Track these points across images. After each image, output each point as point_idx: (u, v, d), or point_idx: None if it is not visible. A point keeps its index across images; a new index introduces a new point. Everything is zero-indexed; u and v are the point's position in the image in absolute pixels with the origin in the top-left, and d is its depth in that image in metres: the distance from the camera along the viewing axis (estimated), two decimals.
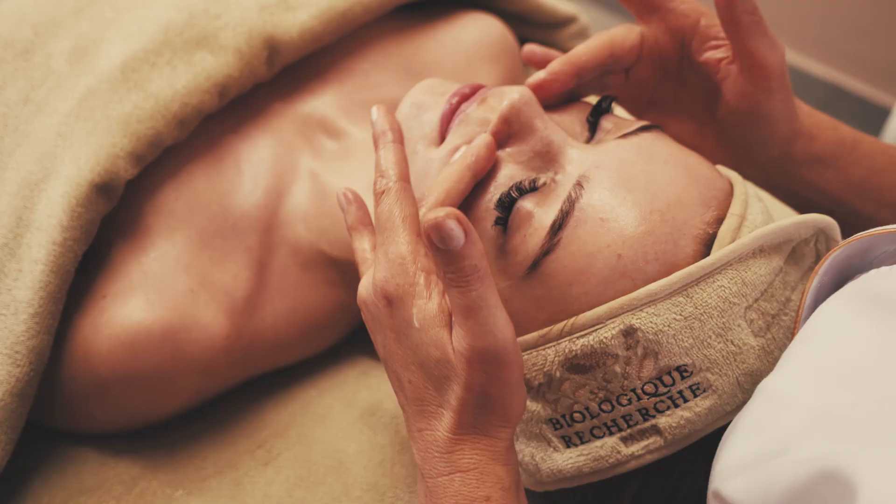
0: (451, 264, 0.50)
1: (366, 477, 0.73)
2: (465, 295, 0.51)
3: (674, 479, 0.61)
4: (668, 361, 0.56)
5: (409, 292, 0.54)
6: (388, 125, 0.62)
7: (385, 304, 0.56)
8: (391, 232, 0.56)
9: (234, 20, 0.79)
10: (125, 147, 0.71)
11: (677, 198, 0.58)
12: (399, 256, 0.55)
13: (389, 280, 0.55)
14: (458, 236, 0.49)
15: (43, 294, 0.67)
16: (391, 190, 0.58)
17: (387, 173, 0.59)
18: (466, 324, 0.51)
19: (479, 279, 0.50)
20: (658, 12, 0.69)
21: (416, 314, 0.54)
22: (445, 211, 0.48)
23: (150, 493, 0.72)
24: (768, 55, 0.64)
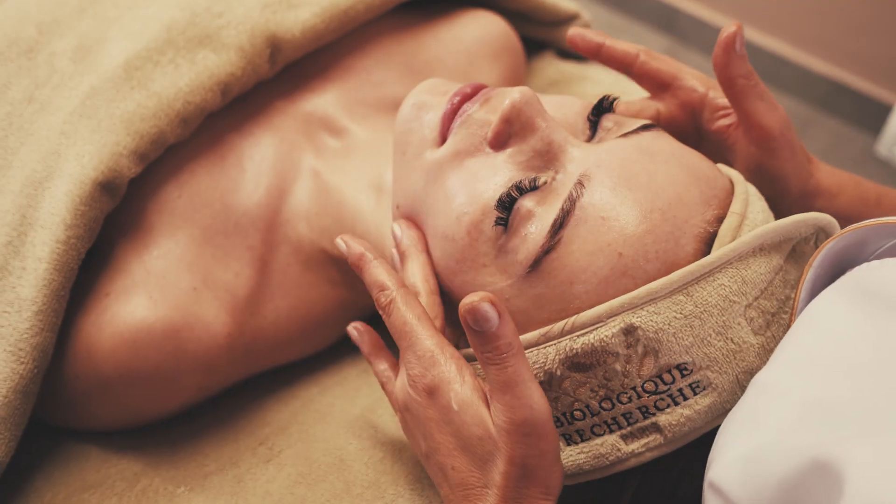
0: (487, 344, 0.53)
1: (367, 474, 0.73)
2: (502, 371, 0.54)
3: (674, 476, 0.61)
4: (669, 359, 0.56)
5: (445, 379, 0.58)
6: (363, 247, 0.65)
7: (426, 396, 0.59)
8: (412, 334, 0.60)
9: (236, 18, 0.79)
10: (128, 145, 0.71)
11: (678, 196, 0.58)
12: (427, 351, 0.59)
13: (425, 374, 0.58)
14: (492, 318, 0.52)
15: (46, 292, 0.67)
16: (395, 299, 0.61)
17: (385, 285, 0.62)
18: (504, 398, 0.54)
19: (514, 355, 0.54)
20: (669, 89, 0.73)
21: (454, 398, 0.57)
22: (480, 296, 0.52)
23: (152, 489, 0.72)
24: (766, 116, 0.67)
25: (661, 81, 0.73)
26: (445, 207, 0.62)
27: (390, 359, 0.69)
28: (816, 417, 0.47)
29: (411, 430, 0.63)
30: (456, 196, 0.62)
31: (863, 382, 0.47)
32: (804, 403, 0.48)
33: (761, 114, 0.67)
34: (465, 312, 0.52)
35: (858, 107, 2.45)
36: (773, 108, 0.68)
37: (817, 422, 0.47)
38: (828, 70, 2.47)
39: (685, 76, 0.73)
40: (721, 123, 0.71)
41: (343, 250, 0.66)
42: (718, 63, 0.66)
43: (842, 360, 0.50)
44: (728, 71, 0.66)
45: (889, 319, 0.50)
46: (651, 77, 0.73)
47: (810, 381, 0.50)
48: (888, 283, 0.52)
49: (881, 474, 0.41)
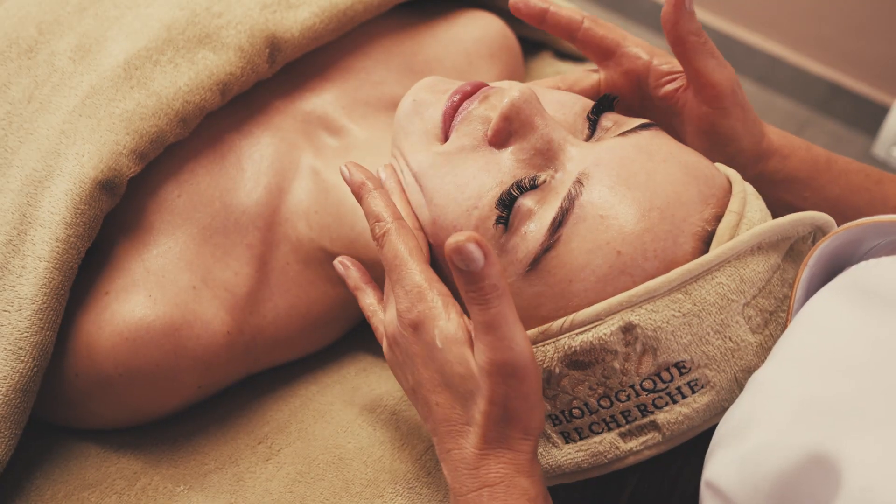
0: (472, 284, 0.52)
1: (365, 473, 0.74)
2: (485, 312, 0.53)
3: (672, 474, 0.61)
4: (667, 358, 0.56)
5: (430, 315, 0.58)
6: (364, 175, 0.65)
7: (411, 331, 0.59)
8: (402, 267, 0.60)
9: (235, 18, 0.79)
10: (128, 144, 0.71)
11: (676, 195, 0.58)
12: (416, 286, 0.59)
13: (411, 309, 0.58)
14: (478, 258, 0.51)
15: (46, 290, 0.67)
16: (390, 230, 0.61)
17: (381, 216, 0.62)
18: (486, 339, 0.54)
19: (498, 297, 0.53)
20: (613, 57, 0.73)
21: (438, 335, 0.57)
22: (465, 235, 0.51)
23: (151, 488, 0.72)
24: (716, 73, 0.67)
25: (605, 49, 0.73)
26: (456, 195, 0.62)
27: (377, 292, 0.70)
28: (813, 415, 0.47)
29: (399, 363, 0.63)
30: (465, 187, 0.62)
31: (860, 380, 0.48)
32: (801, 401, 0.49)
33: (712, 70, 0.67)
34: (450, 251, 0.51)
35: (856, 108, 2.45)
36: (723, 66, 0.68)
37: (814, 419, 0.47)
38: (825, 72, 2.48)
39: (629, 43, 0.72)
40: (668, 88, 0.71)
41: (345, 176, 0.66)
42: (668, 20, 0.66)
43: (839, 357, 0.50)
44: (678, 28, 0.66)
45: (885, 317, 0.50)
46: (595, 44, 0.73)
47: (807, 379, 0.50)
48: (884, 280, 0.52)
49: (878, 468, 0.41)
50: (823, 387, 0.49)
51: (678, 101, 0.71)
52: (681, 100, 0.71)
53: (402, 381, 0.64)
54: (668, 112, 0.72)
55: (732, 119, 0.69)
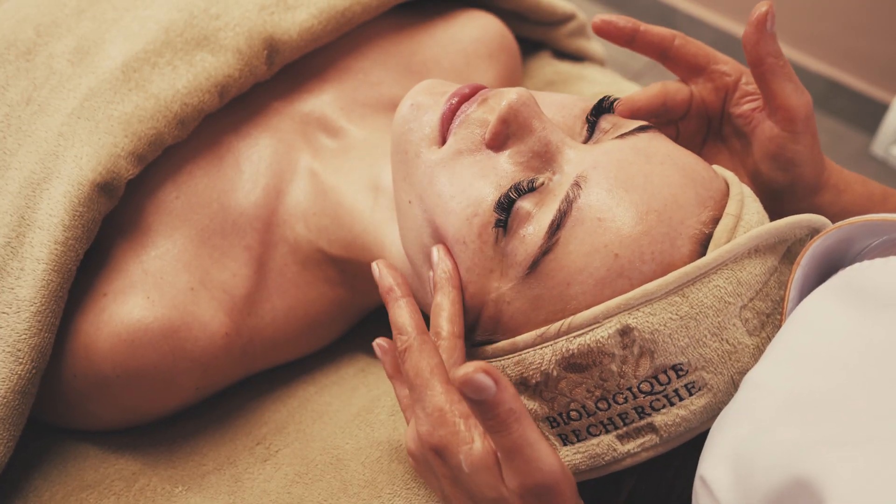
0: (488, 412, 0.52)
1: (363, 473, 0.74)
2: (506, 438, 0.53)
3: (669, 476, 0.61)
4: (664, 360, 0.56)
5: (454, 441, 0.56)
6: (394, 280, 0.63)
7: (433, 455, 0.58)
8: (423, 387, 0.58)
9: (233, 20, 0.79)
10: (126, 147, 0.71)
11: (674, 198, 0.58)
12: (436, 409, 0.57)
13: (433, 433, 0.57)
14: (489, 387, 0.50)
15: (45, 292, 0.67)
16: (412, 346, 0.59)
17: (404, 329, 0.60)
18: (513, 464, 0.53)
19: (517, 420, 0.52)
20: (703, 73, 0.72)
21: (464, 460, 0.56)
22: (473, 366, 0.50)
23: (150, 489, 0.72)
24: (792, 97, 0.67)
25: (696, 65, 0.72)
26: (454, 206, 0.62)
27: None
28: (801, 410, 0.47)
29: (425, 477, 0.63)
30: (462, 195, 0.62)
31: (849, 379, 0.48)
32: (789, 397, 0.49)
33: (788, 94, 0.67)
34: (460, 385, 0.50)
35: (855, 106, 2.46)
36: (801, 92, 0.67)
37: (802, 414, 0.47)
38: (824, 69, 2.48)
39: (719, 60, 0.72)
40: (746, 108, 0.71)
41: (374, 275, 0.65)
42: (749, 40, 0.66)
43: (830, 357, 0.50)
44: (758, 49, 0.66)
45: (878, 318, 0.50)
46: (686, 61, 0.72)
47: (797, 376, 0.50)
48: (878, 282, 0.52)
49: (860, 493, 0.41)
50: (812, 384, 0.49)
51: (752, 120, 0.70)
52: (754, 119, 0.70)
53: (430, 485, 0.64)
54: (741, 129, 0.72)
55: (801, 145, 0.68)
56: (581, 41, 1.14)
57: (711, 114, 0.74)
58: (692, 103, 0.74)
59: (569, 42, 1.12)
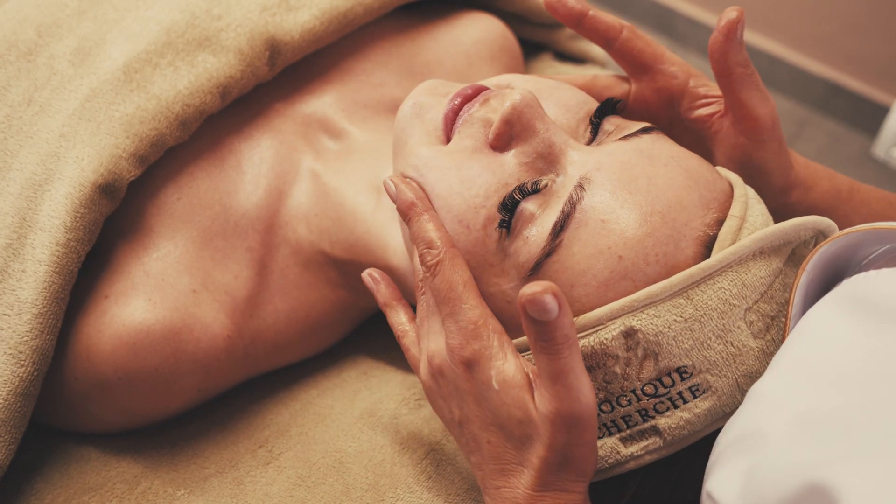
0: (545, 334, 0.51)
1: (366, 477, 0.74)
2: (555, 362, 0.52)
3: (673, 479, 0.61)
4: (668, 363, 0.56)
5: (486, 355, 0.56)
6: (414, 194, 0.62)
7: (463, 369, 0.58)
8: (457, 300, 0.58)
9: (235, 21, 0.79)
10: (128, 148, 0.71)
11: (678, 200, 0.58)
12: (471, 322, 0.57)
13: (465, 346, 0.57)
14: (553, 309, 0.50)
15: (46, 294, 0.67)
16: (444, 260, 0.59)
17: (434, 244, 0.60)
18: (553, 388, 0.53)
19: (569, 346, 0.52)
20: (648, 72, 0.71)
21: (495, 376, 0.56)
22: (542, 286, 0.49)
23: (152, 492, 0.72)
24: (759, 107, 0.66)
25: (641, 63, 0.71)
26: (461, 190, 0.61)
27: (409, 311, 0.68)
28: (812, 430, 0.47)
29: (443, 395, 0.62)
30: (472, 184, 0.61)
31: (856, 393, 0.48)
32: (799, 414, 0.49)
33: (755, 104, 0.66)
34: (525, 302, 0.49)
35: (855, 108, 2.46)
36: (766, 100, 0.67)
37: (812, 434, 0.47)
38: (824, 71, 2.48)
39: (667, 60, 0.71)
40: (701, 112, 0.70)
41: (390, 191, 0.64)
42: (716, 49, 0.65)
43: (836, 370, 0.50)
44: (727, 58, 0.65)
45: (883, 330, 0.50)
46: (632, 56, 0.71)
47: (805, 392, 0.50)
48: (883, 293, 0.52)
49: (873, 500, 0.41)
50: (821, 400, 0.49)
51: (712, 126, 0.70)
52: (715, 125, 0.70)
53: (442, 411, 0.63)
54: (697, 135, 0.71)
55: (767, 152, 0.68)
56: (582, 43, 1.14)
57: (655, 114, 0.73)
58: (631, 101, 0.73)
59: (570, 44, 1.12)
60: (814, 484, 0.43)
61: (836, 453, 0.44)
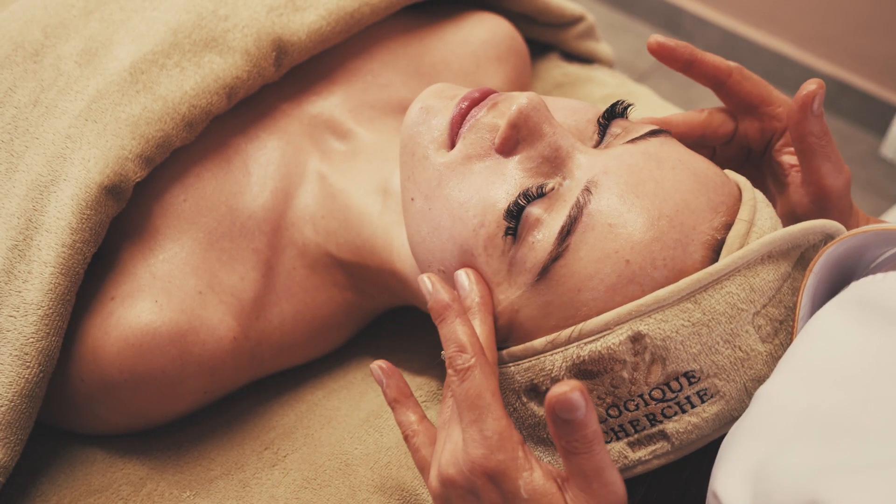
0: (575, 433, 0.50)
1: (372, 479, 0.73)
2: (589, 460, 0.51)
3: (681, 484, 0.61)
4: (676, 367, 0.56)
5: (513, 466, 0.54)
6: (450, 297, 0.60)
7: (485, 480, 0.55)
8: (484, 410, 0.56)
9: (242, 21, 0.79)
10: (134, 149, 0.71)
11: (685, 203, 0.58)
12: (496, 433, 0.55)
13: (490, 457, 0.55)
14: (582, 406, 0.49)
15: (52, 296, 0.67)
16: (475, 367, 0.57)
17: (466, 348, 0.57)
18: (591, 487, 0.52)
19: (599, 442, 0.51)
20: (754, 112, 0.72)
21: (524, 486, 0.54)
22: (570, 385, 0.48)
23: (157, 494, 0.72)
24: (829, 178, 0.67)
25: (749, 104, 0.72)
26: (461, 214, 0.61)
27: (417, 409, 0.65)
28: (815, 430, 0.47)
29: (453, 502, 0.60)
30: (469, 204, 0.61)
31: (863, 396, 0.47)
32: (802, 415, 0.49)
33: (825, 174, 0.67)
34: (554, 403, 0.48)
35: (863, 107, 2.45)
36: (839, 171, 0.67)
37: (816, 435, 0.47)
38: (832, 70, 2.47)
39: (774, 102, 0.71)
40: (787, 159, 0.71)
41: (426, 291, 0.61)
42: (793, 119, 0.66)
43: (841, 372, 0.50)
44: (801, 128, 0.66)
45: (890, 333, 0.50)
46: (741, 98, 0.72)
47: (810, 394, 0.50)
48: (891, 297, 0.52)
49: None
50: (825, 401, 0.49)
51: (789, 175, 0.70)
52: (791, 176, 0.70)
53: None
54: (776, 176, 0.72)
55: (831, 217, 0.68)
56: (590, 43, 1.14)
57: (753, 149, 0.74)
58: (735, 136, 0.73)
59: (578, 44, 1.12)
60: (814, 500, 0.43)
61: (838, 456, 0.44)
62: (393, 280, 0.74)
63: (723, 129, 0.73)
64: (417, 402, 0.66)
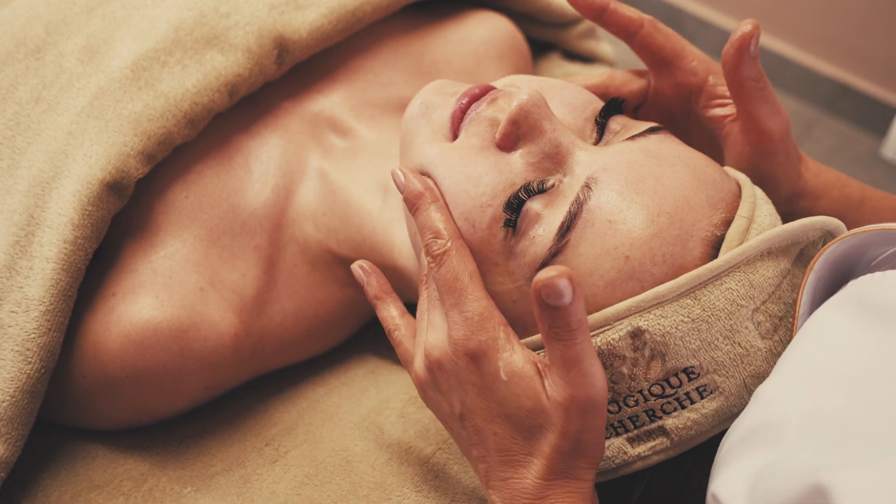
0: (559, 320, 0.50)
1: (373, 475, 0.74)
2: (570, 348, 0.51)
3: (680, 480, 0.61)
4: (676, 363, 0.56)
5: (493, 346, 0.56)
6: (422, 185, 0.62)
7: (467, 361, 0.57)
8: (462, 292, 0.57)
9: (244, 19, 0.79)
10: (136, 146, 0.71)
11: (685, 200, 0.58)
12: (476, 314, 0.56)
13: (471, 338, 0.56)
14: (568, 293, 0.49)
15: (54, 292, 0.67)
16: (451, 250, 0.59)
17: (441, 234, 0.59)
18: (568, 375, 0.52)
19: (583, 332, 0.51)
20: (668, 67, 0.71)
21: (503, 367, 0.55)
22: (557, 270, 0.48)
23: (158, 489, 0.72)
24: (768, 121, 0.66)
25: (661, 58, 0.71)
26: (468, 187, 0.61)
27: (399, 304, 0.68)
28: (815, 431, 0.47)
29: (442, 390, 0.61)
30: (479, 182, 0.61)
31: (862, 395, 0.48)
32: (803, 416, 0.49)
33: (763, 118, 0.66)
34: (540, 287, 0.48)
35: (864, 108, 2.45)
36: (777, 113, 0.67)
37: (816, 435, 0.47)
38: (832, 71, 2.47)
39: (687, 56, 0.71)
40: (716, 112, 0.70)
41: (398, 181, 0.63)
42: (728, 62, 0.65)
43: (841, 372, 0.50)
44: (738, 72, 0.65)
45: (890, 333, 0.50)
46: (653, 51, 0.71)
47: (809, 394, 0.50)
48: (890, 296, 0.52)
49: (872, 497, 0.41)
50: (825, 402, 0.49)
51: (724, 128, 0.70)
52: (727, 128, 0.70)
53: (440, 405, 0.62)
54: (709, 133, 0.72)
55: (773, 164, 0.68)
56: (591, 42, 1.14)
57: (673, 108, 0.73)
58: (650, 94, 0.72)
59: (579, 43, 1.12)
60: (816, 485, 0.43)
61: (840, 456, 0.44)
62: (394, 276, 0.74)
63: (628, 87, 0.72)
64: (398, 299, 0.68)
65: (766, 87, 0.66)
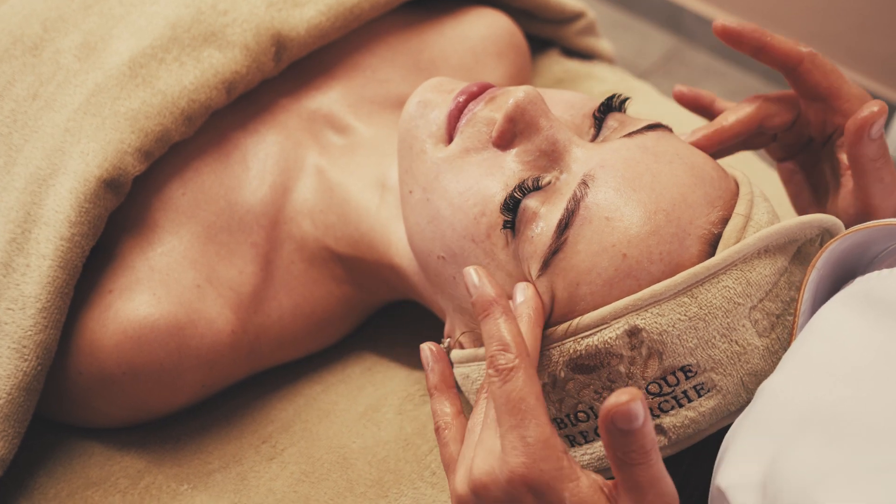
0: (632, 444, 0.48)
1: (370, 473, 0.74)
2: (646, 471, 0.49)
3: (678, 478, 0.61)
4: (673, 362, 0.56)
5: (558, 477, 0.51)
6: (496, 292, 0.57)
7: (525, 491, 0.52)
8: (528, 414, 0.52)
9: (241, 16, 0.79)
10: (133, 143, 0.71)
11: (682, 197, 0.58)
12: (540, 441, 0.52)
13: (532, 466, 0.52)
14: (641, 415, 0.46)
15: (50, 289, 0.67)
16: (519, 369, 0.53)
17: (510, 348, 0.54)
18: (645, 499, 0.49)
19: (655, 451, 0.49)
20: (822, 103, 0.69)
21: (570, 498, 0.51)
22: (628, 394, 0.46)
23: (155, 486, 0.72)
24: (877, 198, 0.65)
25: (816, 95, 0.69)
26: (461, 204, 0.61)
27: (456, 402, 0.63)
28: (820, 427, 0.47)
29: None
30: (468, 193, 0.61)
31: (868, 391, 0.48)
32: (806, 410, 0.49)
33: (874, 195, 0.65)
34: (614, 414, 0.46)
35: None
36: (889, 194, 0.66)
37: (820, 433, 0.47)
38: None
39: (843, 96, 0.68)
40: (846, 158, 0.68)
41: (472, 283, 0.58)
42: (848, 138, 0.64)
43: (846, 368, 0.50)
44: (856, 148, 0.64)
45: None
46: (808, 88, 0.69)
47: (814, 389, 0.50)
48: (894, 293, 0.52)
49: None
50: (829, 396, 0.49)
51: (843, 176, 0.69)
52: (844, 177, 0.68)
53: None
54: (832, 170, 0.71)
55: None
56: (590, 39, 1.14)
57: (815, 135, 0.71)
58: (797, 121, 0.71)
59: (578, 40, 1.12)
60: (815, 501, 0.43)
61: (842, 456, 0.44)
62: (391, 274, 0.74)
63: (779, 119, 0.71)
64: (458, 395, 0.63)
65: (885, 168, 0.65)
